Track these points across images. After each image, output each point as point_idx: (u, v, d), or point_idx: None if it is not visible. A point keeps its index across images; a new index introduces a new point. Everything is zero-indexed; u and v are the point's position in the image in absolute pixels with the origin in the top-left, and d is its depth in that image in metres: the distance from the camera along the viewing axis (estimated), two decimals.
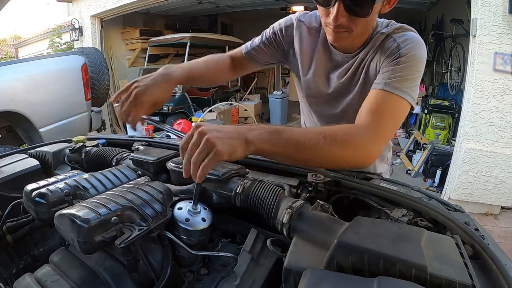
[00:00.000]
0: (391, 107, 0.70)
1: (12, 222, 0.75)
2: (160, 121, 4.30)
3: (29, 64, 3.03)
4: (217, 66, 0.97)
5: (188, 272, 0.60)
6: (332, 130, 0.63)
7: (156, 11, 6.41)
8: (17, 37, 10.87)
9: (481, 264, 0.50)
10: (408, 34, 0.77)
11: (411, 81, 0.72)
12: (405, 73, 0.72)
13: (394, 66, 0.73)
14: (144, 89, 0.76)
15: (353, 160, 0.65)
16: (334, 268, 0.45)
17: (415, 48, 0.74)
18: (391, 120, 0.70)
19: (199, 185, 0.61)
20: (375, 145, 0.66)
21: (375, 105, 0.70)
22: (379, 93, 0.72)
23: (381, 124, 0.67)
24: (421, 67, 0.75)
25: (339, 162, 0.65)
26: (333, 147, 0.61)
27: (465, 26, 4.02)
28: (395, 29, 0.79)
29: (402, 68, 0.72)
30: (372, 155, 0.66)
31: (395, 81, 0.71)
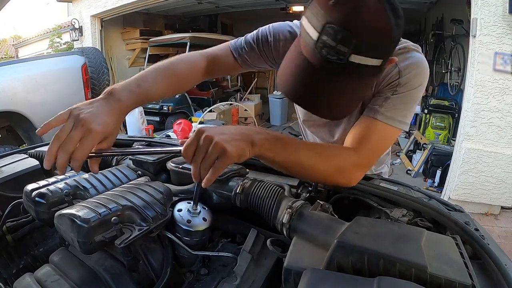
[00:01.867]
0: (382, 136, 0.71)
1: (12, 222, 0.75)
2: (159, 122, 4.21)
3: (29, 64, 3.04)
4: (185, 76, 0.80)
5: (188, 272, 0.60)
6: (326, 151, 0.67)
7: (156, 11, 6.41)
8: (17, 37, 10.87)
9: (481, 264, 0.50)
10: (413, 58, 0.71)
11: (405, 110, 0.70)
12: (401, 102, 0.70)
13: (391, 94, 0.70)
14: (92, 116, 0.56)
15: (335, 181, 0.68)
16: (334, 268, 0.45)
17: (416, 76, 0.70)
18: (378, 148, 0.72)
19: (199, 185, 0.61)
20: (357, 172, 0.69)
21: (364, 133, 0.70)
22: (371, 122, 0.70)
23: (367, 153, 0.69)
24: (419, 93, 0.72)
25: (323, 179, 0.69)
26: (324, 166, 0.64)
27: (465, 26, 4.02)
28: (398, 49, 0.70)
29: (399, 98, 0.69)
30: (352, 180, 0.68)
31: (389, 111, 0.69)
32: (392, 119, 0.69)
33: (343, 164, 0.66)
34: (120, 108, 0.62)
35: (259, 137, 0.56)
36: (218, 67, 0.86)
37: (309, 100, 0.60)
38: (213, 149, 0.51)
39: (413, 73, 0.70)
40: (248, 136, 0.55)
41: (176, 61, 0.79)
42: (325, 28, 0.51)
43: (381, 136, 0.71)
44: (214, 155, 0.51)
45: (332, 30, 0.50)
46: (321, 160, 0.64)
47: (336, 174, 0.66)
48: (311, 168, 0.63)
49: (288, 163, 0.61)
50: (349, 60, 0.52)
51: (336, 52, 0.51)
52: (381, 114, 0.69)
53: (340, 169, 0.66)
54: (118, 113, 0.61)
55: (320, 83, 0.57)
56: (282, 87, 0.61)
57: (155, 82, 0.72)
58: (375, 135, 0.70)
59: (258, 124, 5.71)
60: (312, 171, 0.63)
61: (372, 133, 0.70)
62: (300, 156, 0.61)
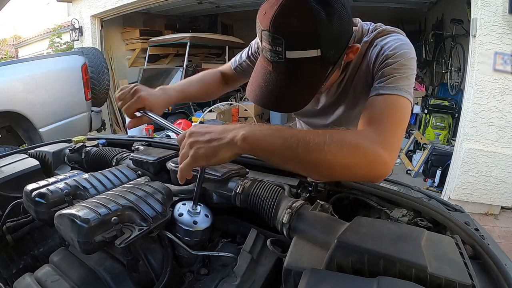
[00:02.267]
0: (394, 108, 0.65)
1: (12, 222, 0.75)
2: (158, 126, 4.26)
3: (29, 64, 3.03)
4: (209, 85, 1.01)
5: (188, 272, 0.60)
6: (339, 132, 0.56)
7: (156, 11, 6.41)
8: (17, 37, 10.86)
9: (481, 264, 0.50)
10: (391, 36, 0.74)
11: (405, 79, 0.68)
12: (397, 72, 0.69)
13: (385, 68, 0.70)
14: (144, 91, 0.80)
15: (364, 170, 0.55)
16: (334, 268, 0.45)
17: (399, 47, 0.71)
18: (398, 124, 0.63)
19: (199, 185, 0.61)
20: (388, 153, 0.56)
21: (377, 110, 0.65)
22: (377, 99, 0.67)
23: (389, 127, 0.61)
24: (412, 64, 0.70)
25: (346, 169, 0.54)
26: (340, 150, 0.52)
27: (465, 26, 4.02)
28: (377, 33, 0.76)
29: (393, 68, 0.69)
30: (385, 166, 0.56)
31: (389, 82, 0.68)
32: (395, 88, 0.66)
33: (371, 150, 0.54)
34: (165, 97, 0.86)
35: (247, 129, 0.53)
36: (229, 80, 1.05)
37: (271, 101, 0.65)
38: (185, 149, 0.55)
39: (396, 45, 0.71)
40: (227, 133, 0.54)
41: (206, 73, 1.02)
42: (262, 35, 0.59)
43: (394, 108, 0.65)
44: (185, 155, 0.55)
45: (265, 35, 0.58)
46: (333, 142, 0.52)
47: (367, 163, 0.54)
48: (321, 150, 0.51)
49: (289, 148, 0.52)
50: (286, 57, 0.58)
51: (275, 53, 0.59)
52: (384, 88, 0.67)
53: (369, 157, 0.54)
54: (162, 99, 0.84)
55: (275, 83, 0.63)
56: (251, 97, 0.68)
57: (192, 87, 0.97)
58: (386, 109, 0.64)
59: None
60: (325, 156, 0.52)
61: (382, 108, 0.65)
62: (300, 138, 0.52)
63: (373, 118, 0.63)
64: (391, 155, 0.57)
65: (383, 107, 0.65)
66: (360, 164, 0.54)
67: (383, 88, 0.67)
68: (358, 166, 0.54)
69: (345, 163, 0.53)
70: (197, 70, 6.65)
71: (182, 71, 5.43)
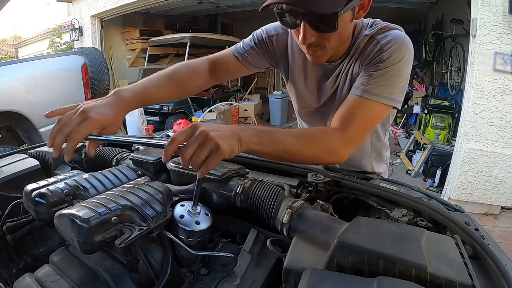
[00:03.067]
0: (366, 113, 0.73)
1: (12, 222, 0.75)
2: (159, 122, 4.23)
3: (29, 64, 3.04)
4: (188, 77, 0.85)
5: (188, 272, 0.60)
6: (313, 135, 0.70)
7: (156, 11, 6.41)
8: (17, 37, 10.86)
9: (481, 264, 0.50)
10: (392, 34, 0.74)
11: (390, 86, 0.72)
12: (384, 78, 0.71)
13: (374, 71, 0.72)
14: (93, 107, 0.64)
15: (327, 161, 0.75)
16: (334, 268, 0.45)
17: (397, 50, 0.71)
18: (363, 126, 0.74)
19: (199, 185, 0.61)
20: (346, 150, 0.71)
21: (350, 112, 0.73)
22: (355, 99, 0.73)
23: (353, 131, 0.71)
24: (404, 68, 0.73)
25: (315, 161, 0.74)
26: (312, 150, 0.68)
27: (465, 26, 4.02)
28: (379, 29, 0.76)
29: (382, 74, 0.71)
30: (342, 158, 0.71)
31: (374, 88, 0.71)
32: (377, 95, 0.71)
33: (331, 144, 0.70)
34: (121, 104, 0.69)
35: (245, 133, 0.60)
36: (221, 69, 0.92)
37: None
38: (207, 143, 0.54)
39: (394, 47, 0.72)
40: (236, 134, 0.59)
41: (179, 66, 0.86)
42: None
43: (366, 113, 0.73)
44: (207, 148, 0.54)
45: None
46: (308, 145, 0.68)
47: (325, 155, 0.70)
48: (300, 154, 0.67)
49: (276, 152, 0.65)
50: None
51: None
52: (365, 92, 0.72)
53: (328, 150, 0.70)
54: (118, 108, 0.68)
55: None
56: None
57: (158, 85, 0.79)
58: (360, 112, 0.72)
59: (258, 124, 5.71)
60: (302, 156, 0.68)
61: (357, 111, 0.72)
62: (286, 144, 0.65)
63: (346, 119, 0.72)
64: (349, 150, 0.72)
65: (358, 111, 0.72)
66: (323, 159, 0.72)
67: (366, 92, 0.72)
68: (321, 160, 0.73)
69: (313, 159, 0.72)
70: None
71: None
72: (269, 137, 0.64)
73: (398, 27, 0.78)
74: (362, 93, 0.72)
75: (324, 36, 0.70)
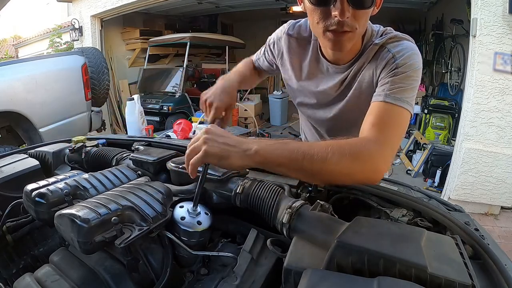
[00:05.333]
0: (395, 118, 0.69)
1: (12, 222, 0.75)
2: (159, 122, 4.23)
3: (29, 64, 3.03)
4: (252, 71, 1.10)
5: (188, 272, 0.60)
6: (339, 144, 0.60)
7: (156, 11, 6.40)
8: (17, 37, 10.85)
9: (481, 264, 0.50)
10: (403, 44, 0.76)
11: (410, 91, 0.71)
12: (404, 83, 0.71)
13: (393, 77, 0.72)
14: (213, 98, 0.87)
15: (362, 176, 0.61)
16: (334, 268, 0.45)
17: (410, 57, 0.73)
18: (396, 131, 0.69)
19: (199, 186, 0.62)
20: (383, 158, 0.62)
21: (379, 118, 0.68)
22: (381, 106, 0.70)
23: (387, 136, 0.65)
24: (418, 76, 0.74)
25: (346, 176, 0.60)
26: (341, 160, 0.57)
27: (465, 26, 4.01)
28: (389, 38, 0.77)
29: (401, 79, 0.71)
30: (380, 169, 0.62)
31: (395, 92, 0.71)
32: (400, 100, 0.70)
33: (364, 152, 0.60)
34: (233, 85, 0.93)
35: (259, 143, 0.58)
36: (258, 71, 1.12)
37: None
38: (198, 143, 0.58)
39: (407, 54, 0.73)
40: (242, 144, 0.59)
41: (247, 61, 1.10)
42: None
43: (395, 118, 0.69)
44: (196, 148, 0.58)
45: None
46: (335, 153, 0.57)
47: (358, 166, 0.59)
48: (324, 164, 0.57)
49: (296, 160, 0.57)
50: None
51: None
52: (388, 97, 0.71)
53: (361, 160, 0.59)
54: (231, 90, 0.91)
55: None
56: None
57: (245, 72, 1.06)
58: (389, 118, 0.69)
59: (258, 124, 5.71)
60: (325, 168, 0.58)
61: (386, 116, 0.69)
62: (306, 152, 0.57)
63: (376, 125, 0.67)
64: (387, 163, 0.64)
65: (386, 117, 0.69)
66: (357, 171, 0.60)
67: (389, 96, 0.70)
68: (356, 173, 0.60)
69: (345, 172, 0.59)
70: (197, 70, 6.66)
71: (182, 71, 5.44)
72: (286, 145, 0.58)
73: (409, 38, 0.78)
74: (386, 98, 0.70)
75: (357, 16, 0.68)
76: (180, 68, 5.57)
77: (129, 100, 3.37)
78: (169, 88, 5.49)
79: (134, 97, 3.36)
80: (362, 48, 0.80)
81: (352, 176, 0.61)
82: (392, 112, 0.69)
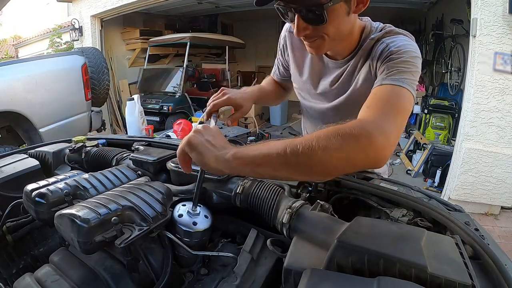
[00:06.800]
0: (394, 96, 0.63)
1: (12, 222, 0.75)
2: (159, 122, 4.22)
3: (29, 64, 3.03)
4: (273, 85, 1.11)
5: (188, 272, 0.60)
6: (326, 129, 0.51)
7: (156, 11, 6.40)
8: (17, 37, 10.85)
9: (481, 264, 0.50)
10: (398, 37, 0.76)
11: (408, 74, 0.68)
12: (401, 66, 0.69)
13: (388, 62, 0.71)
14: (231, 93, 0.89)
15: (360, 156, 0.50)
16: (334, 268, 0.45)
17: (405, 45, 0.72)
18: (396, 110, 0.60)
19: (199, 186, 0.62)
20: (383, 136, 0.52)
21: (377, 99, 0.63)
22: (379, 89, 0.66)
23: (387, 114, 0.57)
24: (416, 62, 0.70)
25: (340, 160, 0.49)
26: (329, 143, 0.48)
27: (465, 26, 4.01)
28: (385, 33, 0.78)
29: (397, 63, 0.70)
30: (382, 148, 0.51)
31: (392, 74, 0.68)
32: (398, 80, 0.66)
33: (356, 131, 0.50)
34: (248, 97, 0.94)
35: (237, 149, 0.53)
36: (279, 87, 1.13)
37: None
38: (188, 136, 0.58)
39: (401, 43, 0.73)
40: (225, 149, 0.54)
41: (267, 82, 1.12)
42: None
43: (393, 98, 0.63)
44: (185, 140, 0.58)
45: None
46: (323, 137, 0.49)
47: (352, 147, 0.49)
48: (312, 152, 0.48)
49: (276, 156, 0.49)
50: None
51: None
52: (386, 79, 0.67)
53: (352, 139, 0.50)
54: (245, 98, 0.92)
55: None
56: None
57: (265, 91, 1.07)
58: (387, 97, 0.63)
59: (258, 124, 5.70)
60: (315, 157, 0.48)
61: (384, 97, 0.64)
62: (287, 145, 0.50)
63: (371, 105, 0.61)
64: (388, 139, 0.53)
65: (383, 95, 0.64)
66: (353, 151, 0.49)
67: (385, 79, 0.67)
68: (353, 154, 0.50)
69: (339, 155, 0.49)
70: (197, 70, 6.66)
71: (182, 71, 5.44)
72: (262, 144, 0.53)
73: (406, 33, 0.79)
74: (383, 81, 0.67)
75: (319, 28, 0.70)
76: (180, 68, 5.57)
77: (129, 100, 3.38)
78: (169, 88, 5.49)
79: (134, 97, 3.36)
80: (360, 43, 0.81)
81: (349, 159, 0.50)
82: (391, 91, 0.64)
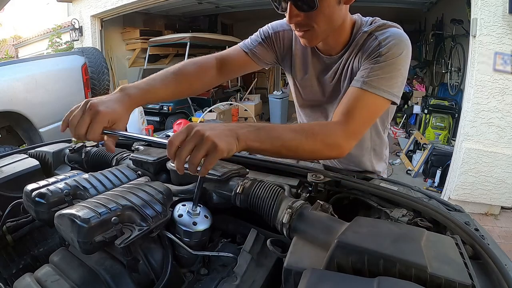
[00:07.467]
0: (367, 106, 0.73)
1: (12, 222, 0.75)
2: (159, 122, 4.23)
3: (29, 64, 3.03)
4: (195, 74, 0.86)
5: (188, 272, 0.60)
6: (312, 129, 0.69)
7: (156, 11, 6.41)
8: (17, 37, 10.84)
9: (481, 264, 0.50)
10: (391, 31, 0.76)
11: (389, 79, 0.73)
12: (383, 72, 0.73)
13: (373, 64, 0.74)
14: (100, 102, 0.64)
15: (327, 155, 0.75)
16: (334, 268, 0.45)
17: (396, 45, 0.74)
18: (364, 119, 0.74)
19: (199, 186, 0.61)
20: (348, 143, 0.71)
21: (350, 104, 0.73)
22: (355, 92, 0.74)
23: (354, 124, 0.71)
24: (402, 63, 0.74)
25: (315, 156, 0.75)
26: (313, 145, 0.67)
27: (465, 26, 4.02)
28: (378, 26, 0.79)
29: (381, 67, 0.73)
30: (343, 151, 0.71)
31: (373, 81, 0.73)
32: (377, 88, 0.72)
33: (331, 138, 0.69)
34: (128, 100, 0.70)
35: (242, 131, 0.60)
36: (230, 65, 0.93)
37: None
38: (204, 143, 0.53)
39: (392, 42, 0.74)
40: (233, 132, 0.58)
41: (186, 63, 0.87)
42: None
43: (367, 105, 0.73)
44: (203, 148, 0.53)
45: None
46: (307, 139, 0.67)
47: (326, 149, 0.69)
48: (299, 149, 0.66)
49: (275, 148, 0.64)
50: None
51: None
52: (365, 84, 0.73)
53: (328, 144, 0.69)
54: (125, 103, 0.69)
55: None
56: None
57: (164, 83, 0.79)
58: (361, 105, 0.73)
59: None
60: (301, 151, 0.68)
61: (358, 103, 0.73)
62: (285, 140, 0.65)
63: (347, 112, 0.72)
64: (350, 143, 0.72)
65: (360, 104, 0.73)
66: (325, 152, 0.71)
67: (366, 83, 0.73)
68: (322, 154, 0.73)
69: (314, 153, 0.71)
70: None
71: None
72: (267, 133, 0.63)
73: (397, 25, 0.79)
74: (362, 85, 0.73)
75: (310, 16, 0.71)
76: None
77: None
78: None
79: None
80: (352, 37, 0.82)
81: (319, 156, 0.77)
82: (366, 100, 0.73)
